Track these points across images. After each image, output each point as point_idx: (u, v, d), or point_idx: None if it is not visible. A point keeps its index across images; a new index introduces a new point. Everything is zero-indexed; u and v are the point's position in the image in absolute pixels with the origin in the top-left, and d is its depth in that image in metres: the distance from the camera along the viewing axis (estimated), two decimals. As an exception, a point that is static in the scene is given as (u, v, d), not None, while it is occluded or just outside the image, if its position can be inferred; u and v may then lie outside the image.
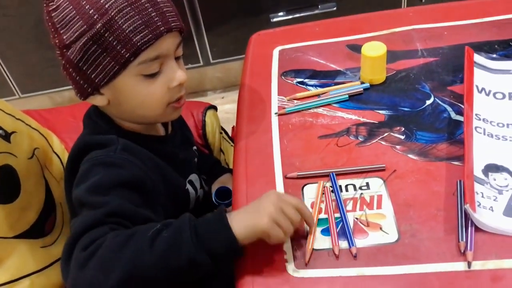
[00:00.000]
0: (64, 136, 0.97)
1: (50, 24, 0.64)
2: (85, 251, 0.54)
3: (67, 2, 0.62)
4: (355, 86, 0.83)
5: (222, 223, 0.55)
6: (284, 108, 0.82)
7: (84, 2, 0.61)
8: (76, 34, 0.61)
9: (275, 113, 0.81)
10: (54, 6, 0.62)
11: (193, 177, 0.81)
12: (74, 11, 0.61)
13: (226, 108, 1.76)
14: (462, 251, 0.56)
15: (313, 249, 0.59)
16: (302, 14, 1.65)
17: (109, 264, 0.53)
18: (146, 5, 0.62)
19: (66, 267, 0.55)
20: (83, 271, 0.53)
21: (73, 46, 0.62)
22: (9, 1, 1.56)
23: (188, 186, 0.79)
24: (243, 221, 0.55)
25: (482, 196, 0.61)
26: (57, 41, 0.64)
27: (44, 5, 0.64)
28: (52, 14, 0.63)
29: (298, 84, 0.87)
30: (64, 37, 0.62)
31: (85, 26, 0.61)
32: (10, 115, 0.81)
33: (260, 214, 0.55)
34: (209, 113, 1.11)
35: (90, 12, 0.60)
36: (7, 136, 0.76)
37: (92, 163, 0.64)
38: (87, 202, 0.59)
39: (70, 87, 0.68)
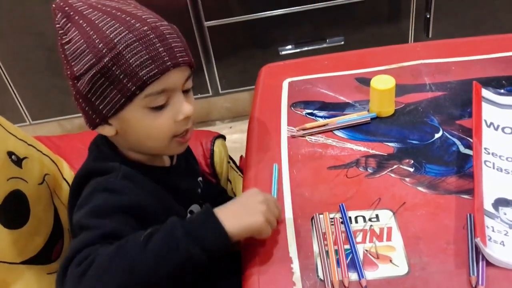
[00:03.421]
0: (74, 163, 0.98)
1: (63, 56, 0.66)
2: (79, 266, 0.55)
3: (79, 36, 0.63)
4: (362, 116, 0.84)
5: (213, 221, 0.58)
6: (294, 137, 0.83)
7: (95, 36, 0.63)
8: (86, 66, 0.63)
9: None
10: (67, 39, 0.64)
11: (195, 207, 0.81)
12: (85, 45, 0.63)
13: (234, 137, 1.77)
14: (474, 285, 0.55)
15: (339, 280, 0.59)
16: (310, 48, 1.67)
17: (105, 275, 0.54)
18: (154, 41, 0.63)
19: (61, 287, 0.56)
20: (79, 286, 0.54)
21: (82, 78, 0.64)
22: (23, 30, 1.60)
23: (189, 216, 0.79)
24: (237, 220, 0.59)
25: (493, 230, 0.61)
26: (68, 72, 0.66)
27: (58, 37, 0.66)
28: (65, 47, 0.65)
29: (308, 115, 0.88)
30: (75, 69, 0.64)
31: (94, 59, 0.62)
32: (22, 140, 0.82)
33: (255, 215, 0.60)
34: (218, 142, 1.12)
35: (100, 46, 0.62)
36: (19, 162, 0.77)
37: (93, 188, 0.66)
38: (86, 225, 0.61)
39: (80, 114, 0.69)
